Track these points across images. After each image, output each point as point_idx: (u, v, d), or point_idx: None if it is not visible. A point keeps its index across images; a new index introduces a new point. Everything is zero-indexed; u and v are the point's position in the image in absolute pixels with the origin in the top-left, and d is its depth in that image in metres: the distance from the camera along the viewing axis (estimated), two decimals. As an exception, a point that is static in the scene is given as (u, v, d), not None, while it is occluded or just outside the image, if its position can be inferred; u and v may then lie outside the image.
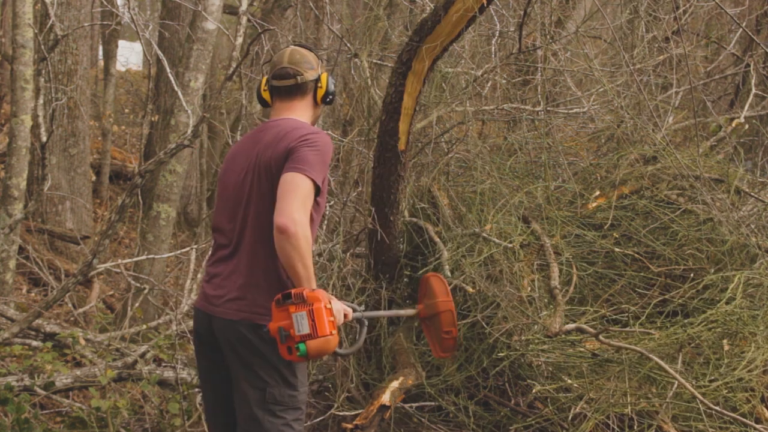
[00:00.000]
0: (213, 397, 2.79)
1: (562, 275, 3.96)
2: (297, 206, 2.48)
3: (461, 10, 3.54)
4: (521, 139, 4.89)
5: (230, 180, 2.75)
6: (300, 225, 2.46)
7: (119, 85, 14.87)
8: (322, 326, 2.45)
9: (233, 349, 2.61)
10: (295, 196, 2.50)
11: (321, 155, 2.60)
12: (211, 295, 2.69)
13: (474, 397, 3.81)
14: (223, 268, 2.70)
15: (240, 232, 2.67)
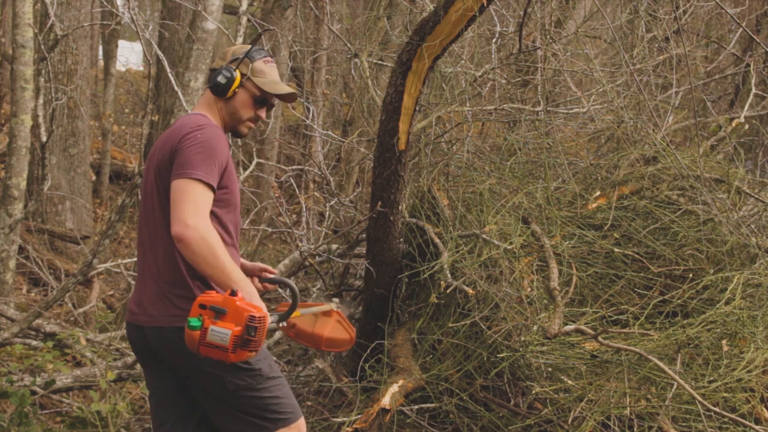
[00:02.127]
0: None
1: (562, 276, 3.96)
2: (189, 211, 2.47)
3: (461, 10, 3.54)
4: (521, 140, 4.89)
5: (144, 183, 2.78)
6: (194, 228, 2.44)
7: (119, 85, 14.87)
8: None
9: (169, 356, 2.63)
10: (184, 202, 2.49)
11: (205, 151, 2.55)
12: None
13: (474, 397, 3.81)
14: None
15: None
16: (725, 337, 3.73)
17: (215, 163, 2.57)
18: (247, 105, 2.79)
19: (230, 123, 2.81)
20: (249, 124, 2.83)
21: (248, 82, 2.78)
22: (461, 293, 3.79)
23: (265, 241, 8.66)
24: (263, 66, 2.81)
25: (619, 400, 3.47)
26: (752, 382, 3.62)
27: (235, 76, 2.74)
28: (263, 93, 2.79)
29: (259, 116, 2.83)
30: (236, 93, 2.77)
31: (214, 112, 2.78)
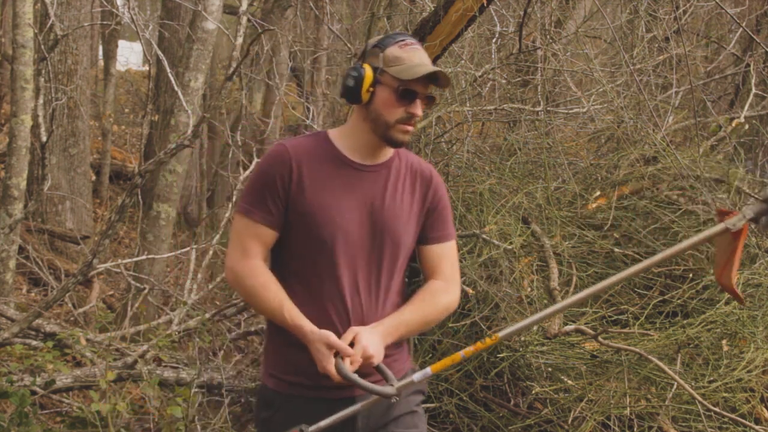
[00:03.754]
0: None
1: (562, 276, 3.96)
2: (230, 250, 2.24)
3: (461, 10, 3.55)
4: (521, 140, 4.89)
5: None
6: (229, 270, 2.23)
7: (119, 85, 14.87)
8: None
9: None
10: (230, 239, 2.26)
11: (254, 178, 2.23)
12: None
13: (473, 397, 3.81)
14: None
15: None
16: (725, 337, 3.73)
17: (264, 190, 2.19)
18: (390, 103, 2.19)
19: (378, 133, 2.22)
20: (402, 127, 2.21)
21: (384, 75, 2.20)
22: (461, 293, 3.78)
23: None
24: (398, 51, 2.21)
25: (619, 400, 3.47)
26: (752, 382, 3.63)
27: (364, 73, 2.19)
28: (403, 83, 2.18)
29: (413, 113, 2.21)
30: (373, 93, 2.21)
31: (354, 125, 2.27)
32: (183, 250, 6.43)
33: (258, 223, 2.19)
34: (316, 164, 2.21)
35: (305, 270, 2.21)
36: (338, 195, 2.20)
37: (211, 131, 11.04)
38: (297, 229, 2.20)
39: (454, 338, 3.83)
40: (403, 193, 2.29)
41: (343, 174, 2.22)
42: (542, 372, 3.78)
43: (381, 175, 2.27)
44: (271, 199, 2.19)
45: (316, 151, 2.23)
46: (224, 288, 7.11)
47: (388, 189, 2.26)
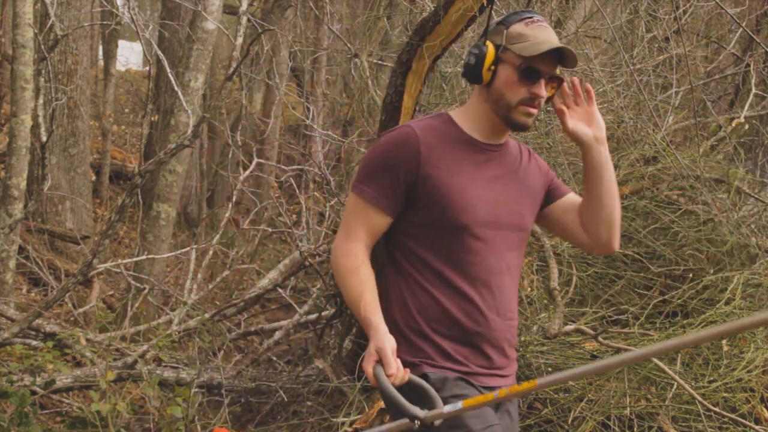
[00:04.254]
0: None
1: (562, 276, 3.96)
2: (339, 229, 2.15)
3: (461, 10, 3.54)
4: (521, 139, 4.89)
5: None
6: (333, 249, 2.13)
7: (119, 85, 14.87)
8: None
9: None
10: (342, 219, 2.17)
11: (372, 160, 2.11)
12: None
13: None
14: None
15: None
16: (725, 337, 3.73)
17: (384, 171, 2.07)
18: (513, 83, 2.06)
19: (500, 114, 2.10)
20: (525, 109, 2.07)
21: (506, 53, 2.07)
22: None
23: (265, 241, 8.66)
24: (523, 28, 2.08)
25: (619, 400, 3.47)
26: (752, 382, 3.62)
27: (486, 50, 2.07)
28: (526, 60, 2.04)
29: (536, 94, 2.06)
30: (495, 72, 2.08)
31: (474, 106, 2.15)
32: (183, 250, 6.44)
33: (370, 204, 2.07)
34: (446, 146, 2.08)
35: (440, 256, 2.07)
36: (470, 176, 2.08)
37: (211, 131, 11.05)
38: (427, 213, 2.06)
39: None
40: (526, 171, 2.21)
41: (473, 155, 2.10)
42: (542, 372, 3.78)
43: (506, 154, 2.18)
44: (390, 182, 2.05)
45: (444, 132, 2.10)
46: (224, 288, 7.12)
47: (515, 168, 2.18)
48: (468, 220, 2.05)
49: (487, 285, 2.09)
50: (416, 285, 2.09)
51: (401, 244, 2.12)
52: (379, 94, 4.88)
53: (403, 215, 2.10)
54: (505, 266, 2.13)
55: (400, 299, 2.11)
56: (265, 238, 8.37)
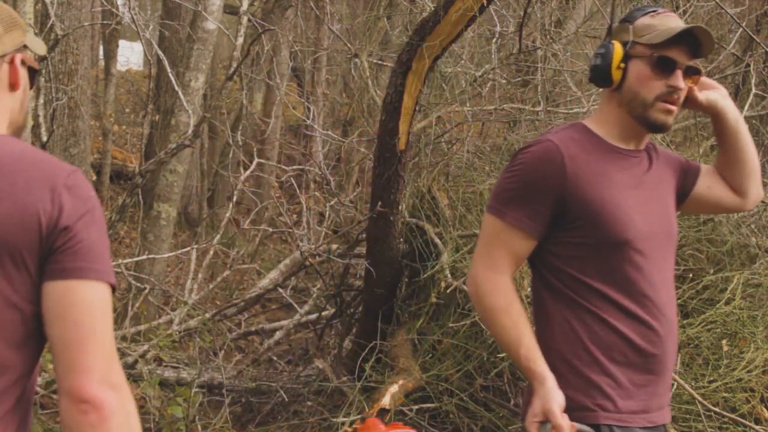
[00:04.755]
0: None
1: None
2: (476, 257, 1.96)
3: (461, 10, 3.54)
4: (521, 140, 4.89)
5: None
6: (472, 280, 1.93)
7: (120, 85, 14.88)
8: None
9: None
10: (478, 246, 1.98)
11: (510, 177, 1.92)
12: None
13: (474, 397, 3.82)
14: None
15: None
16: (725, 337, 3.73)
17: (528, 191, 1.88)
18: (646, 77, 1.89)
19: (636, 116, 1.92)
20: (663, 105, 1.90)
21: (635, 47, 1.91)
22: (461, 293, 3.79)
23: (266, 240, 8.66)
24: (651, 20, 1.92)
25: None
26: (752, 382, 3.62)
27: (612, 48, 1.91)
28: (657, 49, 1.88)
29: (673, 86, 1.88)
30: (625, 70, 1.92)
31: (608, 113, 1.97)
32: (183, 250, 6.44)
33: (513, 227, 1.88)
34: (589, 156, 1.89)
35: (602, 276, 1.87)
36: (620, 187, 1.90)
37: (211, 131, 11.05)
38: (579, 231, 1.87)
39: (454, 338, 3.83)
40: (662, 169, 2.04)
41: (617, 163, 1.92)
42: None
43: (646, 161, 2.00)
44: (534, 202, 1.87)
45: (585, 142, 1.92)
46: (225, 288, 7.12)
47: (653, 170, 2.00)
48: (629, 234, 1.86)
49: (654, 302, 1.93)
50: (583, 310, 1.87)
51: (554, 266, 1.92)
52: (379, 94, 4.89)
53: (548, 236, 1.90)
54: (666, 279, 1.99)
55: (566, 328, 1.89)
56: (265, 238, 8.38)
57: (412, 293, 4.31)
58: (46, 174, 1.34)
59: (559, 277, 1.91)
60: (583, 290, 1.88)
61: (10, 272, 1.30)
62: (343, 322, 4.81)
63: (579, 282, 1.88)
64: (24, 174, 1.32)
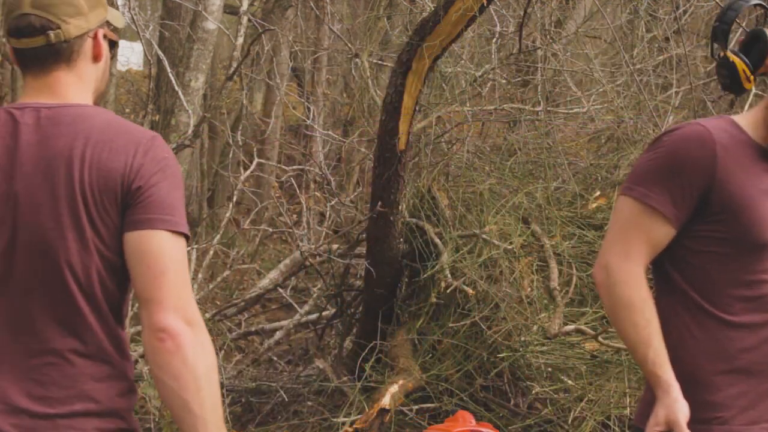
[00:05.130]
0: None
1: (562, 276, 3.97)
2: (609, 242, 1.83)
3: (461, 10, 3.55)
4: (521, 140, 4.89)
5: None
6: (602, 268, 1.81)
7: (120, 85, 14.87)
8: None
9: None
10: (609, 227, 1.90)
11: (655, 159, 1.79)
12: None
13: (474, 398, 3.82)
14: None
15: None
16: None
17: (675, 175, 1.73)
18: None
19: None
20: None
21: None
22: (461, 293, 3.79)
23: (266, 240, 8.66)
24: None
25: (620, 400, 3.47)
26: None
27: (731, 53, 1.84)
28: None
29: None
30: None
31: (758, 112, 1.87)
32: (183, 250, 6.41)
33: (656, 212, 1.72)
34: (738, 150, 1.77)
35: (734, 278, 1.75)
36: (761, 187, 1.76)
37: (211, 131, 11.04)
38: (719, 227, 1.74)
39: (454, 338, 3.83)
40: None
41: (761, 163, 1.78)
42: (542, 372, 3.78)
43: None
44: (681, 189, 1.72)
45: (734, 135, 1.79)
46: (225, 288, 7.12)
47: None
48: (764, 237, 1.73)
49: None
50: (706, 315, 1.76)
51: (684, 263, 1.78)
52: (379, 94, 4.89)
53: (686, 228, 1.75)
54: None
55: (685, 335, 1.77)
56: (265, 238, 8.37)
57: (412, 293, 4.31)
58: (128, 141, 1.54)
59: (687, 275, 1.78)
60: (711, 293, 1.75)
61: (101, 230, 1.52)
62: (343, 322, 4.81)
63: (708, 283, 1.75)
64: (110, 143, 1.53)
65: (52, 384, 1.51)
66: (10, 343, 1.53)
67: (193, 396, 1.47)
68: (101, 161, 1.51)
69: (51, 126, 1.55)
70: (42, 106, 1.57)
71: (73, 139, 1.52)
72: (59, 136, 1.53)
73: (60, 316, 1.53)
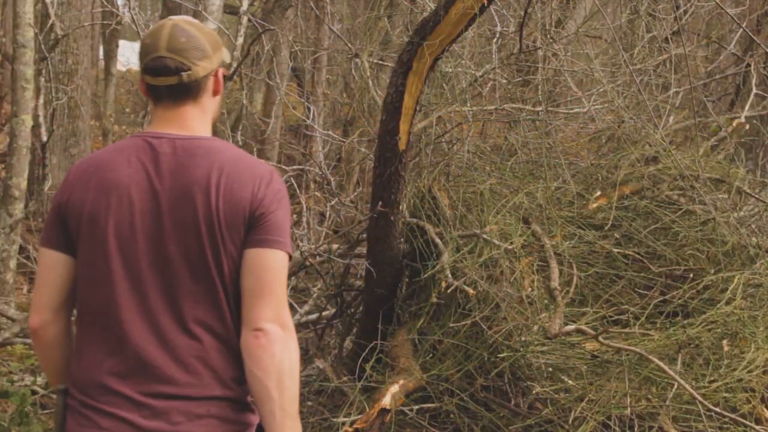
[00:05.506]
0: None
1: (563, 276, 3.96)
2: None
3: (462, 10, 3.54)
4: (521, 140, 4.89)
5: None
6: None
7: (120, 85, 14.87)
8: None
9: None
10: None
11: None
12: None
13: (474, 397, 3.82)
14: None
15: None
16: (726, 337, 3.73)
17: None
18: None
19: None
20: None
21: None
22: (462, 293, 3.79)
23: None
24: None
25: (620, 400, 3.47)
26: (753, 382, 3.62)
27: None
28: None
29: None
30: None
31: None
32: (183, 250, 6.42)
33: None
34: None
35: None
36: None
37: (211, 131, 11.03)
38: None
39: (455, 338, 3.83)
40: None
41: None
42: (543, 372, 3.78)
43: None
44: None
45: None
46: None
47: None
48: None
49: None
50: None
51: None
52: (379, 94, 4.88)
53: None
54: None
55: None
56: (265, 238, 8.36)
57: (413, 293, 4.31)
58: (253, 175, 1.89)
59: None
60: None
61: (229, 246, 1.85)
62: (343, 322, 4.81)
63: None
64: (238, 176, 1.87)
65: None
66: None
67: (275, 385, 1.78)
68: (233, 191, 1.85)
69: (187, 156, 1.87)
70: (175, 137, 1.90)
71: (209, 170, 1.85)
72: (196, 166, 1.86)
73: (202, 311, 1.86)
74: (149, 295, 1.84)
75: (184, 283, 1.84)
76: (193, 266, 1.84)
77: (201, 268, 1.84)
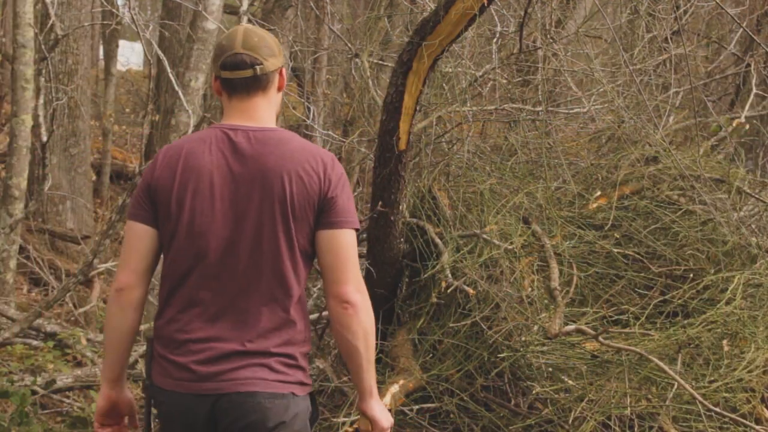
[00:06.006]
0: None
1: (563, 276, 3.96)
2: None
3: (461, 10, 3.54)
4: (521, 140, 4.88)
5: None
6: None
7: (120, 85, 14.87)
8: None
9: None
10: None
11: None
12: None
13: (474, 397, 3.82)
14: None
15: None
16: (726, 337, 3.73)
17: None
18: None
19: None
20: None
21: None
22: (462, 293, 3.79)
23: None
24: None
25: (620, 400, 3.47)
26: (753, 382, 3.63)
27: None
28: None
29: None
30: None
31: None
32: (183, 250, 6.41)
33: None
34: None
35: None
36: None
37: (211, 131, 11.02)
38: None
39: (455, 338, 3.83)
40: None
41: None
42: (543, 372, 3.78)
43: None
44: None
45: None
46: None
47: None
48: None
49: None
50: None
51: None
52: (379, 94, 4.88)
53: None
54: None
55: None
56: (265, 238, 8.36)
57: (413, 293, 4.31)
58: (318, 161, 2.15)
59: None
60: None
61: (302, 228, 2.14)
62: (343, 322, 4.80)
63: None
64: (305, 163, 2.14)
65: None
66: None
67: (361, 343, 2.17)
68: (302, 177, 2.11)
69: (260, 146, 2.13)
70: (249, 128, 2.16)
71: (281, 158, 2.12)
72: (269, 154, 2.12)
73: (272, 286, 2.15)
74: (224, 266, 2.12)
75: (255, 257, 2.11)
76: (265, 243, 2.10)
77: (272, 246, 2.10)
